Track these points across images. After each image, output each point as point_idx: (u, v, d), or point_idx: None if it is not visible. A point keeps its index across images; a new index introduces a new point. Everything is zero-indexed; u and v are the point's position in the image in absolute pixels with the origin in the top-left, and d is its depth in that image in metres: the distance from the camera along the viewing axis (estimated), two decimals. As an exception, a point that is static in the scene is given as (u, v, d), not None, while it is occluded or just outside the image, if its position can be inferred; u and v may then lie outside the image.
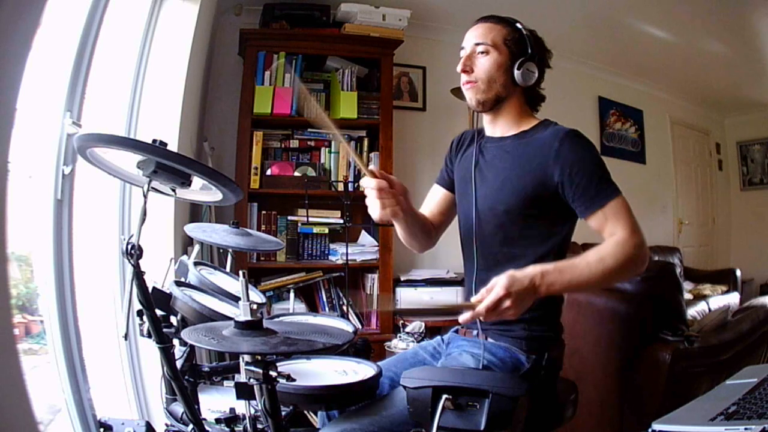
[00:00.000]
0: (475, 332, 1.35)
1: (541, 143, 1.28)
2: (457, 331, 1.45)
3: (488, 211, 1.33)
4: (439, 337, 1.48)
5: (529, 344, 1.29)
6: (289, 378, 0.96)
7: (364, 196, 1.25)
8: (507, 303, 1.07)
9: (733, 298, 4.14)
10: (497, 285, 1.08)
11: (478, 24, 1.37)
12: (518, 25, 1.35)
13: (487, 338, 1.32)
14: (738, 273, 4.57)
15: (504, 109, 1.37)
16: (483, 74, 1.33)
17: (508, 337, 1.30)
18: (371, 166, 1.26)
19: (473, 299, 1.11)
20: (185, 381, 1.31)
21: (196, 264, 1.55)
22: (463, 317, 1.12)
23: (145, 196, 1.12)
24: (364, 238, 3.16)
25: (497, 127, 1.40)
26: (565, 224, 1.31)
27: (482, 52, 1.33)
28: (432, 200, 1.54)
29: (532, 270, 1.11)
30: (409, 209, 1.31)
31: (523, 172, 1.28)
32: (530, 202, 1.27)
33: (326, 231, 3.02)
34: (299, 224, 3.01)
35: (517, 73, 1.31)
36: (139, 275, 1.10)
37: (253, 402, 1.08)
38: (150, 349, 1.78)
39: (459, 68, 1.36)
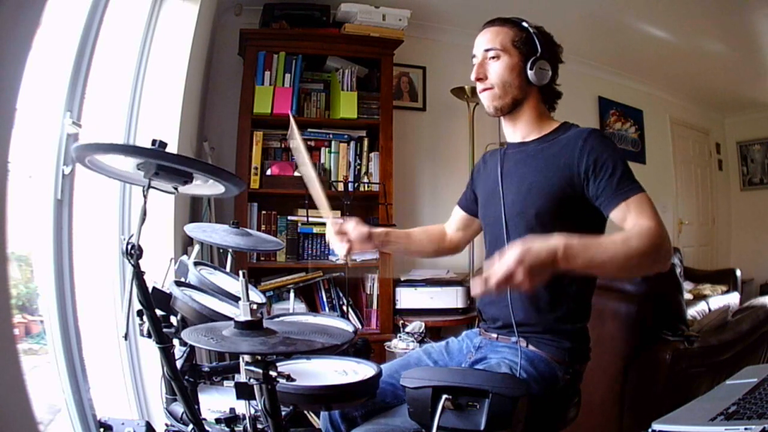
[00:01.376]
0: (513, 339, 1.31)
1: (566, 143, 1.28)
2: (479, 333, 1.42)
3: (517, 216, 1.32)
4: (444, 342, 1.46)
5: (571, 357, 1.28)
6: (289, 378, 0.96)
7: (364, 197, 1.27)
8: (520, 275, 0.98)
9: (733, 298, 4.14)
10: (509, 255, 0.99)
11: (485, 29, 1.37)
12: (525, 24, 1.34)
13: (528, 345, 1.29)
14: (738, 273, 4.57)
15: (522, 112, 1.37)
16: (497, 79, 1.32)
17: (553, 347, 1.27)
18: (334, 220, 1.49)
19: (485, 273, 1.01)
20: (185, 381, 1.31)
21: (196, 264, 1.55)
22: (474, 290, 1.02)
23: (145, 197, 1.12)
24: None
25: (517, 131, 1.40)
26: (595, 229, 1.27)
27: (493, 57, 1.33)
28: (453, 219, 1.65)
29: (555, 240, 1.02)
30: (368, 245, 1.47)
31: (550, 173, 1.28)
32: (559, 202, 1.26)
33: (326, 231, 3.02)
34: (299, 224, 3.01)
35: (530, 73, 1.30)
36: (139, 275, 1.10)
37: (253, 402, 1.08)
38: (150, 349, 1.78)
39: (473, 77, 1.36)
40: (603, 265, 1.08)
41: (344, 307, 2.97)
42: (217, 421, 1.32)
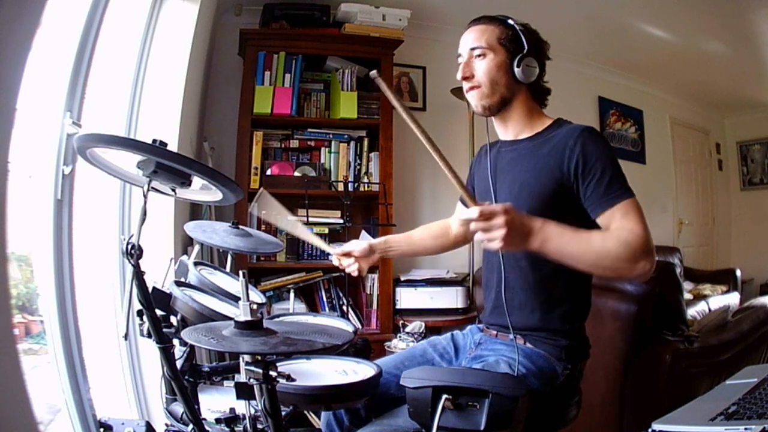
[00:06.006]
0: (510, 336, 1.31)
1: (557, 141, 1.26)
2: (481, 330, 1.42)
3: None
4: (449, 334, 1.46)
5: (568, 354, 1.27)
6: (289, 378, 0.96)
7: (364, 197, 1.26)
8: (500, 220, 1.03)
9: (733, 298, 4.14)
10: (499, 204, 1.06)
11: (470, 27, 1.36)
12: (510, 21, 1.32)
13: (526, 343, 1.29)
14: (738, 273, 4.57)
15: (512, 110, 1.35)
16: (484, 77, 1.31)
17: (550, 345, 1.28)
18: (334, 249, 1.60)
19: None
20: (185, 381, 1.31)
21: (196, 264, 1.55)
22: (463, 215, 1.11)
23: (145, 196, 1.12)
24: (364, 237, 3.16)
25: (509, 130, 1.39)
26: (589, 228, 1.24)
27: (479, 56, 1.32)
28: (456, 215, 1.64)
29: (537, 218, 1.10)
30: (374, 257, 1.53)
31: (541, 174, 1.26)
32: (550, 203, 1.24)
33: (326, 231, 3.02)
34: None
35: (517, 70, 1.29)
36: (139, 275, 1.10)
37: (253, 402, 1.08)
38: (150, 349, 1.79)
39: (459, 76, 1.35)
40: (573, 256, 1.12)
41: (344, 307, 2.97)
42: (217, 421, 1.32)
